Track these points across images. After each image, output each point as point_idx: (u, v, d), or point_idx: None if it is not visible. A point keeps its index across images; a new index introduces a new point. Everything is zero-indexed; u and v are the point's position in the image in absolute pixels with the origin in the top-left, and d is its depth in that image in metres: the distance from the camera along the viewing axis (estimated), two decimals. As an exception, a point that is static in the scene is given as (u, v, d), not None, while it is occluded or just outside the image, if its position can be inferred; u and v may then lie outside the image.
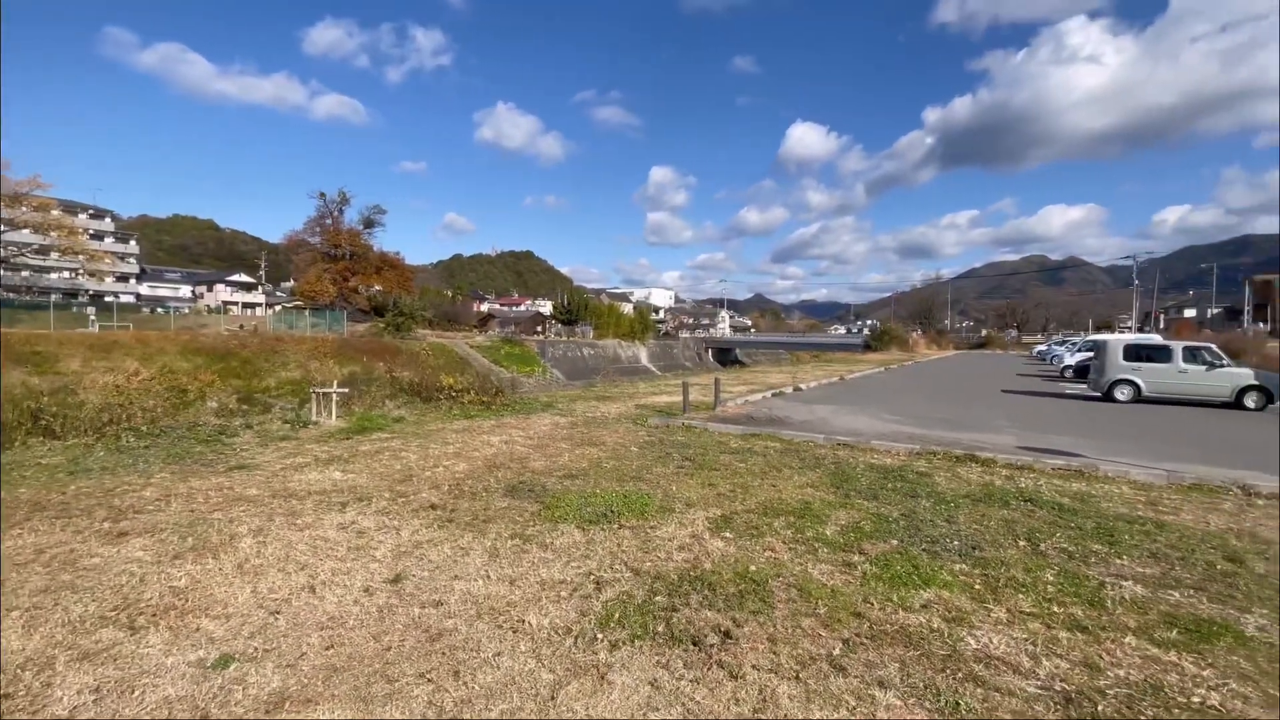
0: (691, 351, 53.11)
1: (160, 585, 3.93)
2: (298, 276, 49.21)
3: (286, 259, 56.40)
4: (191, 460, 8.02)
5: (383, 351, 25.24)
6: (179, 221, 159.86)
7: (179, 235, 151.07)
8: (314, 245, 46.33)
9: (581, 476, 6.80)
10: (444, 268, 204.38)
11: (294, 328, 30.98)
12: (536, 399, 16.56)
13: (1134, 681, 2.88)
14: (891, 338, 62.79)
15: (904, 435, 9.87)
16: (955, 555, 4.47)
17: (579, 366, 35.62)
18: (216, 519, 5.28)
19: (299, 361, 22.09)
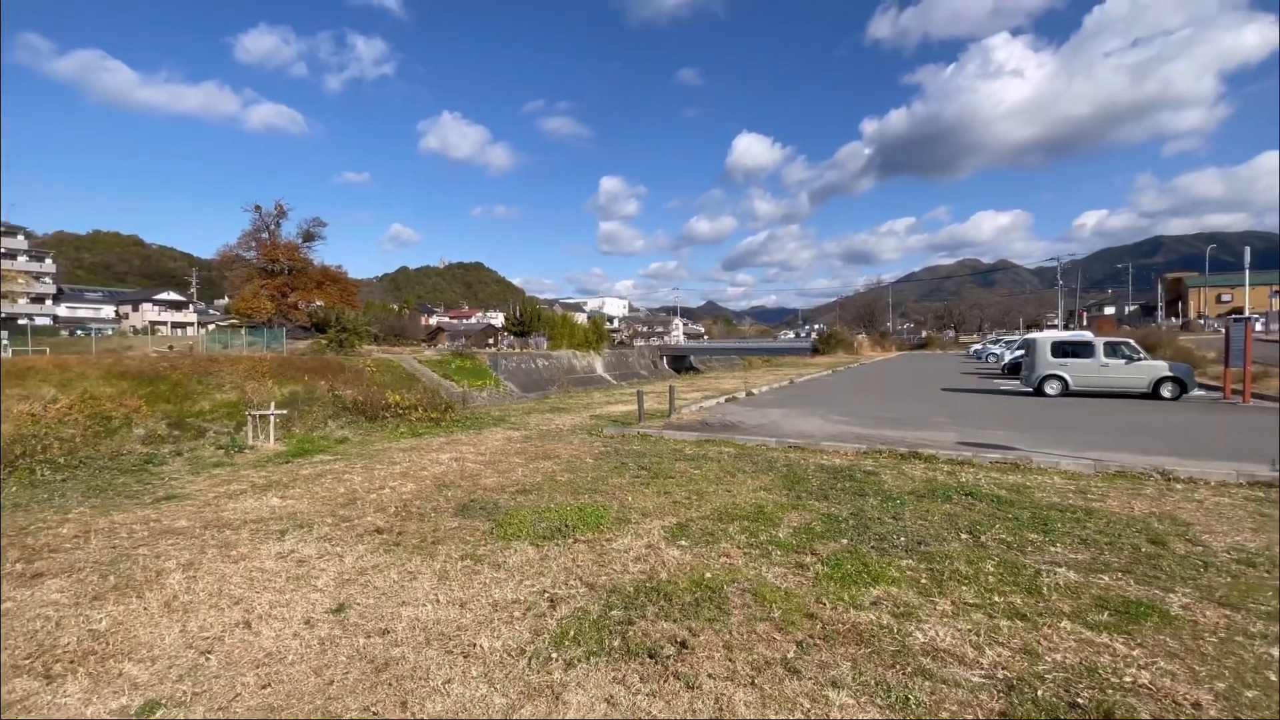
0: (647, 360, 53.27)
1: (79, 629, 3.65)
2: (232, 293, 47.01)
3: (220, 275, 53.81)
4: (114, 492, 7.51)
5: (325, 369, 24.33)
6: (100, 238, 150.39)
7: (101, 253, 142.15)
8: (249, 260, 44.37)
9: (535, 491, 6.69)
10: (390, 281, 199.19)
11: (229, 347, 29.53)
12: (489, 413, 16.26)
13: (1070, 665, 3.00)
14: (838, 341, 64.57)
15: (852, 435, 10.13)
16: (902, 551, 4.59)
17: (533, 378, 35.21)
18: (142, 554, 4.94)
19: (235, 383, 21.05)
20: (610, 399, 20.15)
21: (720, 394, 18.30)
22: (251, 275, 43.68)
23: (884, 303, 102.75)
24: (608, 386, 36.90)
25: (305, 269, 44.56)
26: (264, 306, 41.20)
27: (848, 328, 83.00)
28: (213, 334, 36.45)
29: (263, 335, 31.79)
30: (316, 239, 46.15)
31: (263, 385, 21.19)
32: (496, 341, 50.50)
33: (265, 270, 43.65)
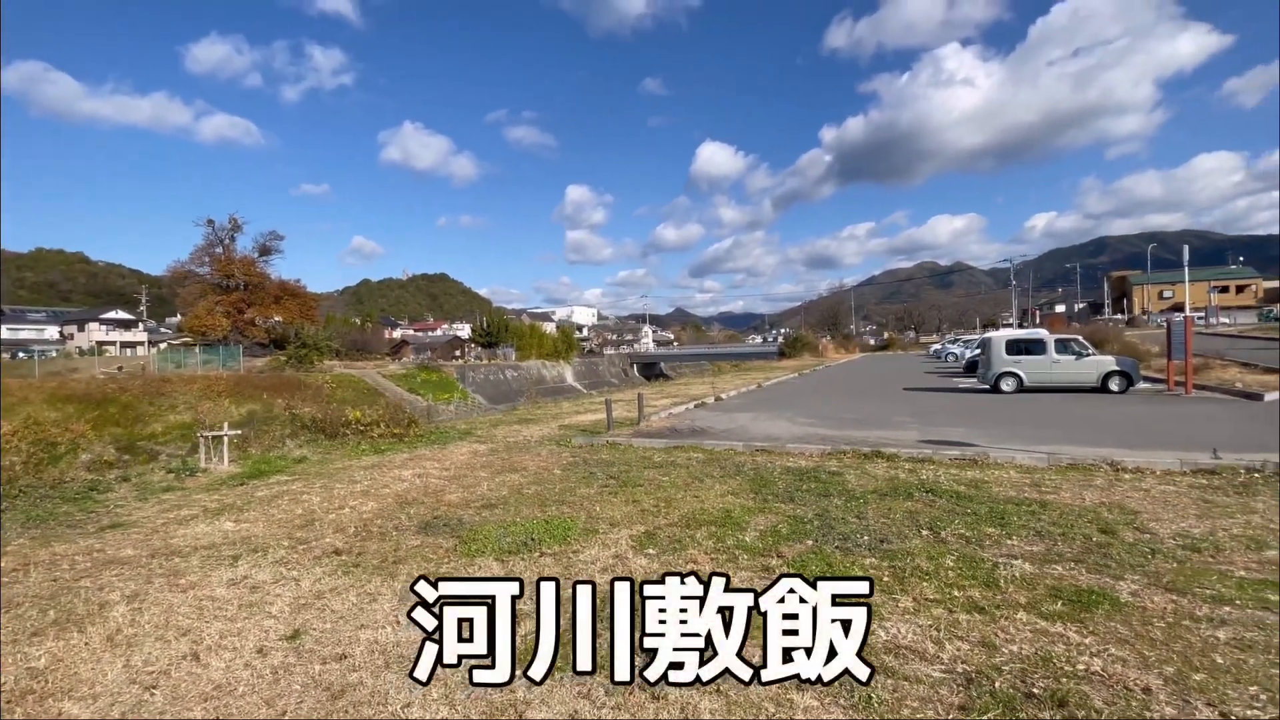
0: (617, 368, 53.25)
1: (16, 668, 3.44)
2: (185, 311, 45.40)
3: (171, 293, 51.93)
4: (55, 522, 7.14)
5: (283, 387, 23.67)
6: (43, 255, 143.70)
7: (43, 271, 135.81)
8: (203, 276, 42.98)
9: (501, 505, 6.58)
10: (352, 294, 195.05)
11: (182, 366, 28.51)
12: (454, 427, 15.99)
13: (1026, 655, 3.07)
14: (803, 345, 65.52)
15: (817, 437, 10.26)
16: (865, 550, 4.65)
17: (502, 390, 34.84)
18: (84, 587, 4.70)
19: (189, 403, 20.29)
20: (580, 408, 20.04)
21: (689, 400, 18.37)
22: (205, 291, 42.32)
23: (847, 306, 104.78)
24: (578, 395, 36.73)
25: (262, 284, 43.38)
26: (219, 323, 39.92)
27: (813, 331, 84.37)
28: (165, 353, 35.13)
29: (218, 353, 30.79)
30: (274, 253, 45.06)
31: (218, 405, 20.48)
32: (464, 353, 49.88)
33: (220, 286, 42.34)
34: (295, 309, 43.23)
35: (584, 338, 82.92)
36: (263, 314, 42.67)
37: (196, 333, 40.79)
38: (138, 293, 72.52)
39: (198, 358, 29.97)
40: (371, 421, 14.01)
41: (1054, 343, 17.28)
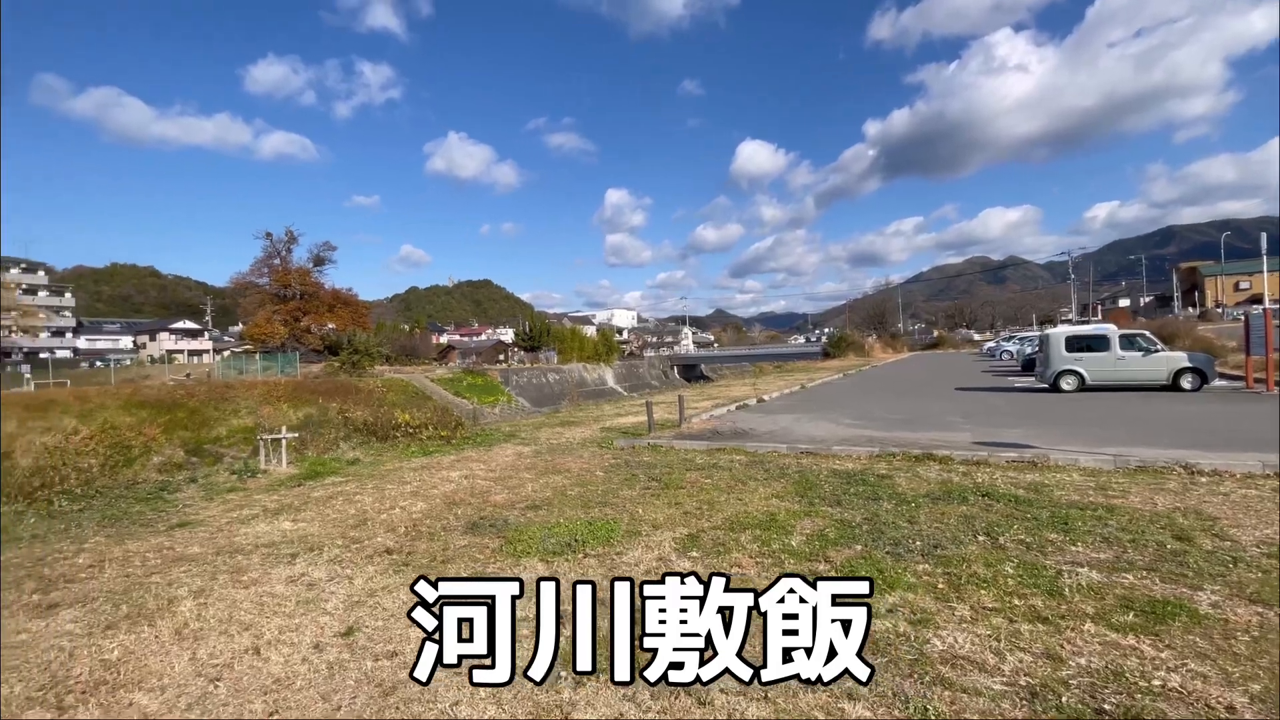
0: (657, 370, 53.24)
1: (91, 659, 3.64)
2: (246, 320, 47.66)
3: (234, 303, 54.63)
4: (129, 521, 7.56)
5: (337, 391, 24.51)
6: (118, 270, 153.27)
7: (118, 285, 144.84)
8: (262, 287, 45.04)
9: (545, 506, 6.64)
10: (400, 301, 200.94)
11: (244, 373, 29.89)
12: (499, 429, 16.26)
13: (1095, 669, 2.90)
14: (848, 344, 64.17)
15: (864, 439, 10.00)
16: (918, 555, 4.49)
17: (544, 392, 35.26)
18: (154, 583, 4.95)
19: (250, 408, 21.24)
20: (621, 410, 20.10)
21: (731, 401, 18.20)
22: (264, 301, 44.30)
23: (894, 304, 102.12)
24: (618, 398, 36.88)
25: (317, 293, 45.15)
26: (277, 331, 41.73)
27: (858, 330, 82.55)
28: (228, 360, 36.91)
29: (276, 360, 32.16)
30: (327, 263, 46.89)
31: (277, 409, 21.37)
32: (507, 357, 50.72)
33: (278, 296, 44.25)
34: (348, 316, 44.87)
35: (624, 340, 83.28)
36: (317, 321, 44.42)
37: (257, 340, 42.74)
38: (203, 303, 76.60)
39: (258, 364, 31.38)
40: (420, 424, 14.37)
41: (1119, 338, 16.41)
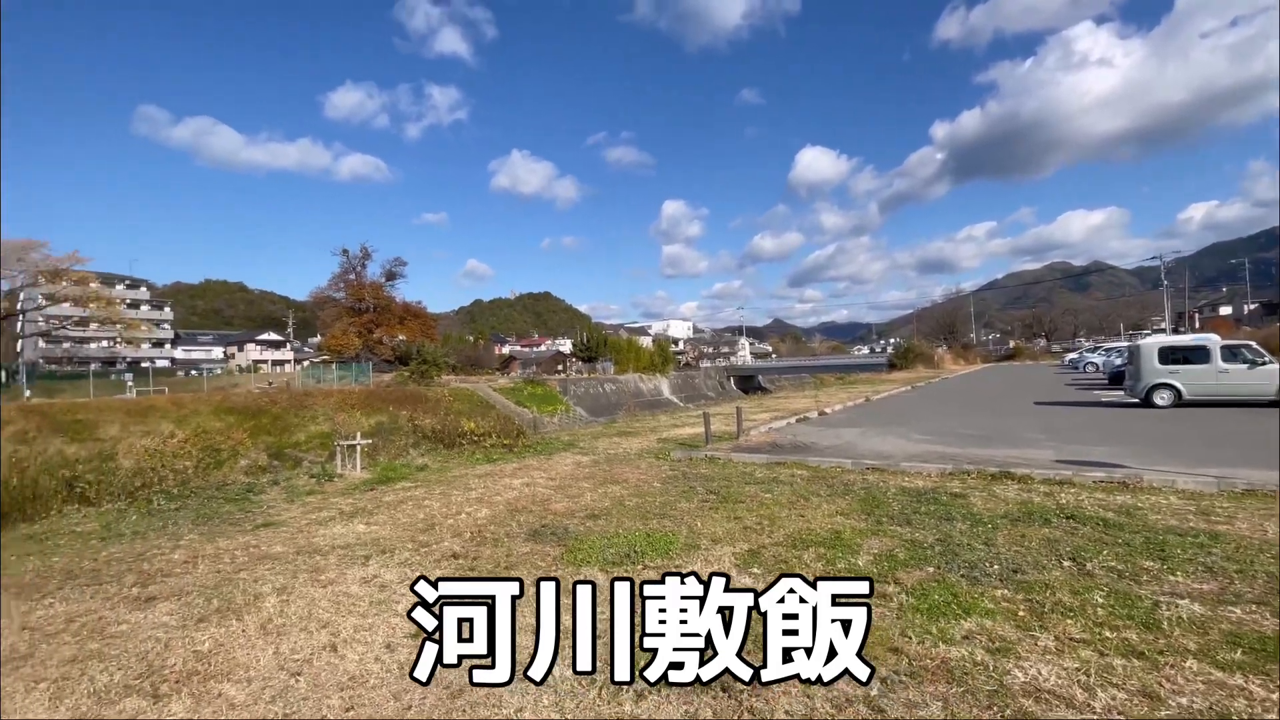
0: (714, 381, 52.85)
1: (184, 650, 3.91)
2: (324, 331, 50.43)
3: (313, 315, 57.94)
4: (219, 520, 8.10)
5: (407, 400, 25.53)
6: (210, 286, 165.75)
7: (211, 299, 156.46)
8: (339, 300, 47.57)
9: (604, 516, 6.69)
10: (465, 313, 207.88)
11: (321, 381, 31.57)
12: (559, 438, 16.52)
13: (1199, 710, 2.67)
14: (916, 355, 61.82)
15: (935, 455, 9.60)
16: (996, 580, 4.26)
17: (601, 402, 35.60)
18: (242, 579, 5.28)
19: (327, 414, 22.42)
20: (677, 421, 20.06)
21: (790, 414, 17.85)
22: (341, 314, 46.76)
23: (965, 313, 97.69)
24: (674, 409, 36.82)
25: (388, 306, 47.32)
26: (352, 342, 43.94)
27: (926, 341, 79.44)
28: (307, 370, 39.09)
29: (351, 369, 33.83)
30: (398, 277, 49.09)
31: (351, 417, 22.44)
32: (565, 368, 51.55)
33: (353, 309, 46.63)
34: (417, 328, 46.81)
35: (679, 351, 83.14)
36: (389, 333, 46.52)
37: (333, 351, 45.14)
38: (286, 316, 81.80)
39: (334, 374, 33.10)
40: (484, 433, 14.79)
41: (1220, 349, 15.14)
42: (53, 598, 5.13)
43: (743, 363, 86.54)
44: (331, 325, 46.86)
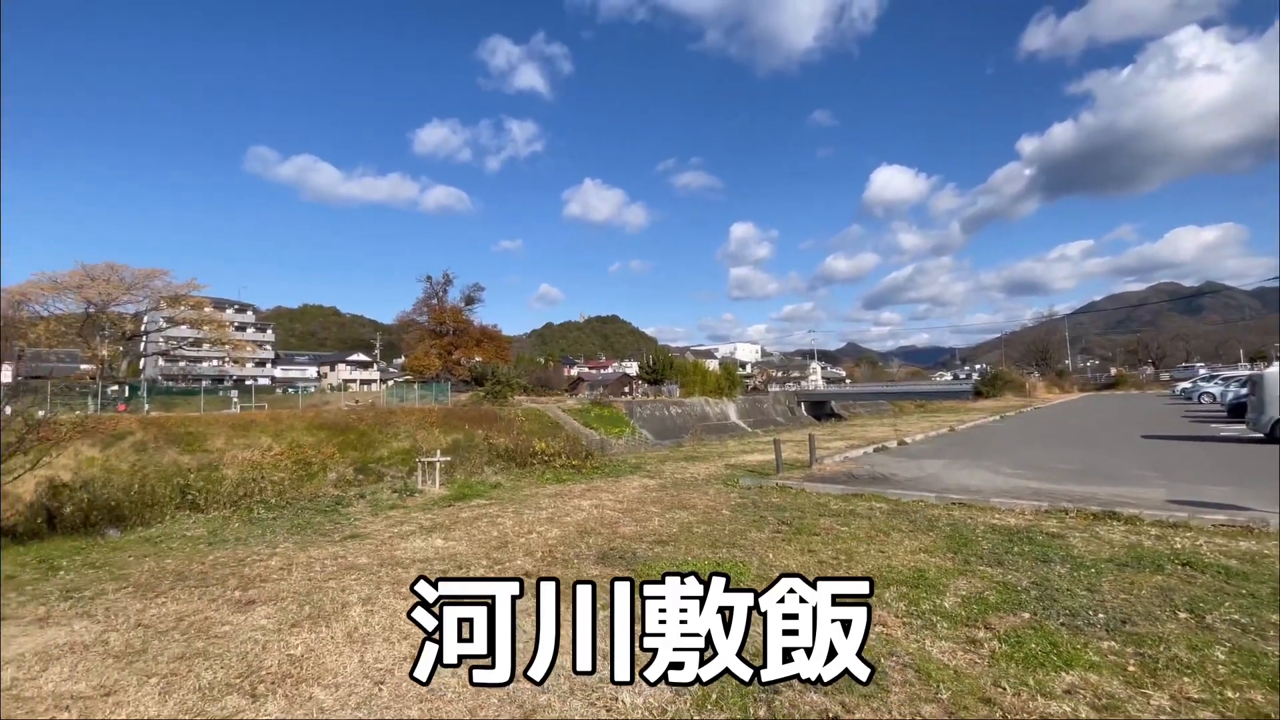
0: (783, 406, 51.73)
1: (280, 653, 4.15)
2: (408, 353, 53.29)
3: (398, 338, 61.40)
4: (311, 530, 8.61)
5: (482, 419, 26.42)
6: (307, 310, 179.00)
7: (307, 322, 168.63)
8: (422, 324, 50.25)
9: (672, 542, 6.65)
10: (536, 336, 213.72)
11: (404, 400, 33.21)
12: (625, 460, 16.59)
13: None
14: (1005, 382, 58.30)
15: (1029, 491, 8.98)
16: (1101, 630, 3.92)
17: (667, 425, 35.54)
18: (330, 587, 5.58)
19: (408, 432, 23.53)
20: (745, 447, 19.71)
21: (867, 443, 17.19)
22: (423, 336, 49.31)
23: (1059, 337, 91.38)
24: (742, 434, 36.24)
25: (467, 329, 49.52)
26: (433, 363, 46.14)
27: (1016, 367, 74.84)
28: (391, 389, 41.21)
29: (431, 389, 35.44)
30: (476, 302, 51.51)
31: (430, 434, 23.43)
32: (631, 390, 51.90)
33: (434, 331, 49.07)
34: (492, 350, 48.71)
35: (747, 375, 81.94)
36: (466, 355, 48.58)
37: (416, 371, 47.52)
38: (373, 339, 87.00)
39: (416, 393, 34.76)
40: (554, 453, 15.07)
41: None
42: (164, 597, 5.58)
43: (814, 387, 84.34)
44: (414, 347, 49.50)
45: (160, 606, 5.31)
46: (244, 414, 24.48)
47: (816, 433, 18.85)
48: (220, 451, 18.35)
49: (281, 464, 17.80)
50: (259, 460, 17.88)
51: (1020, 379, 62.71)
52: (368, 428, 23.06)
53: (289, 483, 14.86)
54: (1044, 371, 75.86)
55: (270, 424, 21.49)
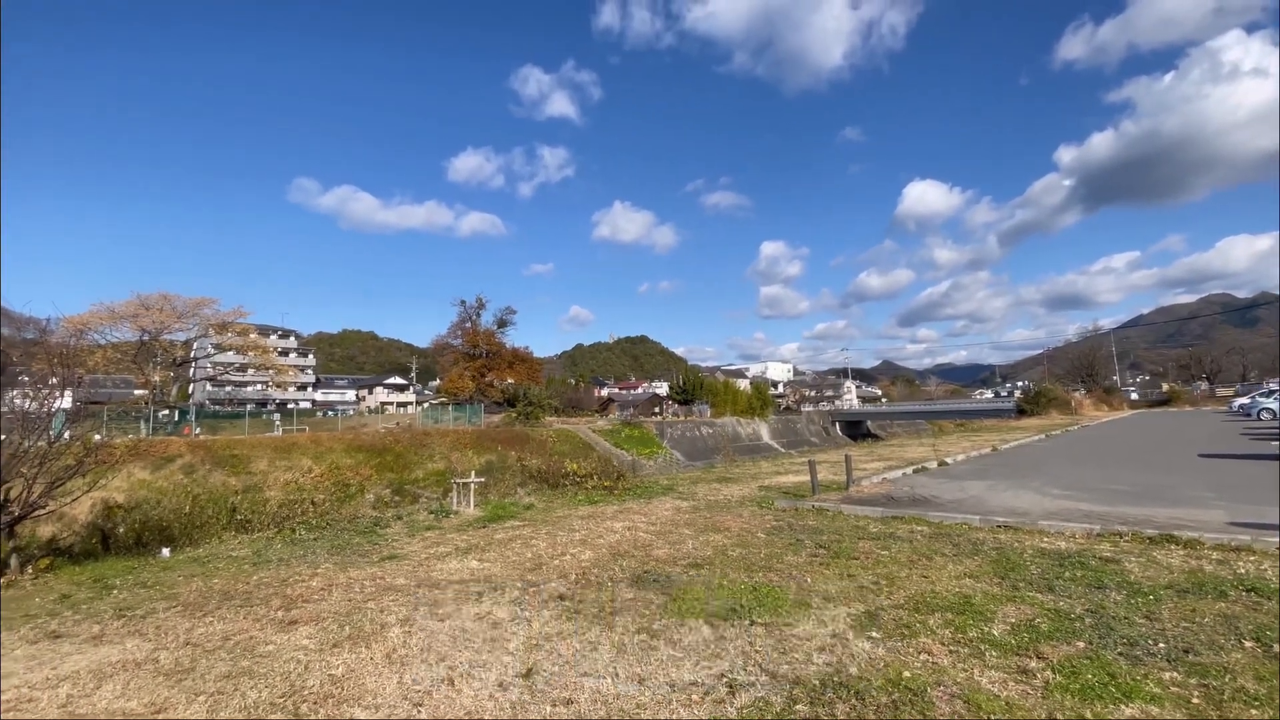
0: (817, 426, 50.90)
1: (321, 674, 4.21)
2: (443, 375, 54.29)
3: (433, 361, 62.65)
4: (350, 551, 8.76)
5: (514, 440, 26.63)
6: (346, 335, 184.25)
7: (346, 347, 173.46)
8: (456, 347, 51.22)
9: (707, 565, 6.57)
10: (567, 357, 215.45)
11: (439, 422, 33.72)
12: (657, 481, 16.50)
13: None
14: (1049, 400, 56.42)
15: (1079, 513, 8.62)
16: (1162, 660, 3.72)
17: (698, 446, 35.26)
18: (369, 608, 5.66)
19: (443, 453, 23.83)
20: (779, 468, 19.42)
21: (906, 463, 16.77)
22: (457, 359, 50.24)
23: (1105, 352, 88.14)
24: (775, 455, 35.72)
25: (499, 351, 50.30)
26: (466, 386, 46.88)
27: (1060, 384, 72.35)
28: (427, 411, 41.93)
29: (465, 411, 35.93)
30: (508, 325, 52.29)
31: (464, 455, 23.69)
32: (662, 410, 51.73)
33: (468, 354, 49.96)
34: (524, 372, 49.33)
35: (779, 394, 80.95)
36: (499, 377, 49.27)
37: (450, 394, 48.33)
38: (409, 362, 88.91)
39: (450, 415, 35.29)
40: (586, 474, 15.10)
41: None
42: (211, 616, 5.74)
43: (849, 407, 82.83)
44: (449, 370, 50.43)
45: (208, 625, 5.45)
46: (286, 436, 25.15)
47: (853, 453, 18.47)
48: (264, 473, 18.85)
49: (322, 485, 18.19)
50: (300, 482, 18.31)
51: (1065, 396, 60.59)
52: (404, 449, 23.47)
53: (329, 504, 15.17)
54: (1090, 388, 73.18)
55: (311, 446, 22.03)
